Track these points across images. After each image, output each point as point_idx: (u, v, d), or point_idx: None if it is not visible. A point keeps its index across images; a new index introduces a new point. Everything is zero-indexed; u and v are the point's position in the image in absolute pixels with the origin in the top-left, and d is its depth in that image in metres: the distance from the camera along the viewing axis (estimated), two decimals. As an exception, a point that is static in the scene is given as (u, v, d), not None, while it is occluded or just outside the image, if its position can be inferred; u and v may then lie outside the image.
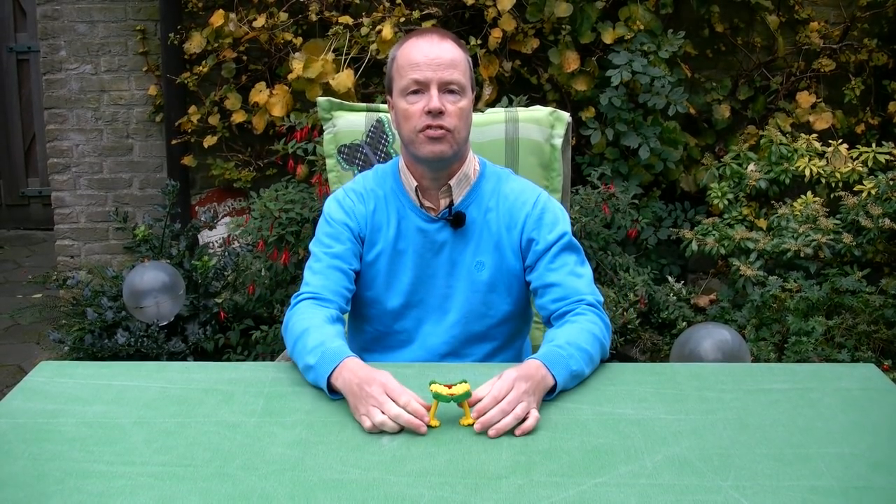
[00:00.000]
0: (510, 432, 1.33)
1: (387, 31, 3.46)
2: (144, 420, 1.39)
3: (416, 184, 1.74)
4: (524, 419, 1.34)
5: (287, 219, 3.11)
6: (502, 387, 1.36)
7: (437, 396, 1.33)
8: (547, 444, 1.31)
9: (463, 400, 1.34)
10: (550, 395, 1.45)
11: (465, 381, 1.36)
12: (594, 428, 1.36)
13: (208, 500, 1.16)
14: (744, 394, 1.48)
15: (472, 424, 1.34)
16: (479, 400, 1.36)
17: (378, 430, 1.33)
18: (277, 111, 3.61)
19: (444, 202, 1.74)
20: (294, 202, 3.17)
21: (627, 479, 1.21)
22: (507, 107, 3.00)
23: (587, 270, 1.74)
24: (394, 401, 1.34)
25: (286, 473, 1.23)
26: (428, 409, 1.35)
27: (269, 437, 1.33)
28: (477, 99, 3.58)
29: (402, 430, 1.34)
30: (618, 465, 1.25)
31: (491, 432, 1.33)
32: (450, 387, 1.34)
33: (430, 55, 1.62)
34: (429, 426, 1.34)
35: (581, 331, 1.58)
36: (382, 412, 1.33)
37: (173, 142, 3.94)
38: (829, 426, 1.36)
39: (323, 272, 1.71)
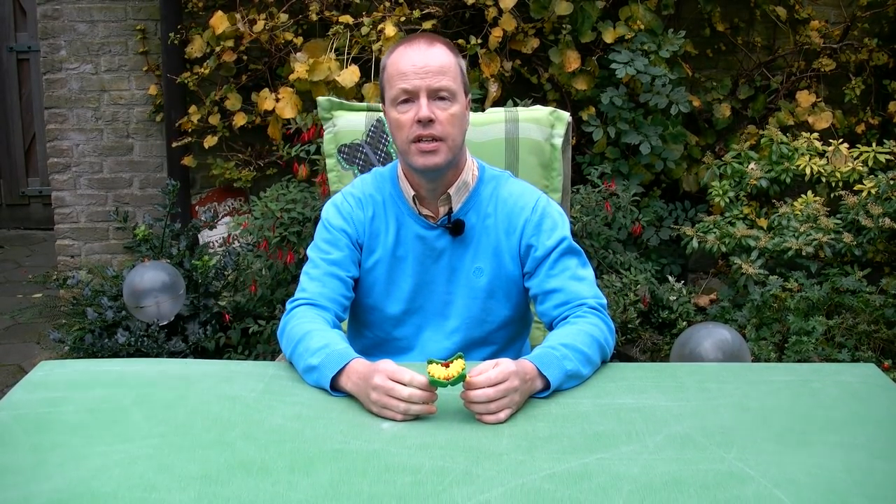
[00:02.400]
0: (511, 420, 1.35)
1: (390, 29, 3.46)
2: (145, 398, 1.38)
3: (413, 192, 1.73)
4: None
5: (289, 219, 3.11)
6: (499, 374, 1.37)
7: (434, 382, 1.34)
8: (548, 431, 1.31)
9: (458, 383, 1.35)
10: (544, 394, 1.45)
11: (461, 357, 1.37)
12: (594, 417, 1.36)
13: (207, 468, 1.15)
14: (745, 384, 1.47)
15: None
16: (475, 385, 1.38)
17: (413, 417, 1.35)
18: (288, 113, 3.60)
19: (442, 209, 1.73)
20: (295, 202, 3.17)
21: (630, 455, 1.20)
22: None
23: (589, 273, 1.72)
24: (398, 381, 1.35)
25: (286, 444, 1.22)
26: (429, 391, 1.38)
27: (269, 409, 1.33)
28: (483, 99, 3.58)
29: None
30: (619, 444, 1.24)
31: (464, 404, 1.37)
32: (447, 364, 1.36)
33: (418, 63, 1.60)
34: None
35: (579, 332, 1.57)
36: (396, 398, 1.34)
37: (174, 144, 3.94)
38: (830, 414, 1.35)
39: (320, 279, 1.70)
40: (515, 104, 3.24)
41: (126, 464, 1.17)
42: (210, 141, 3.87)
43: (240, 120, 3.80)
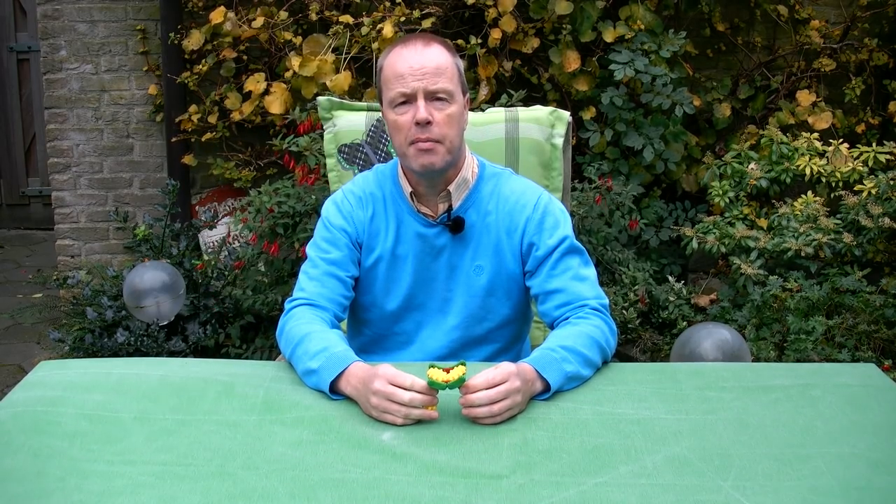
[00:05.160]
0: (511, 427, 1.34)
1: (388, 29, 3.46)
2: (144, 415, 1.38)
3: (412, 189, 1.72)
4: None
5: (280, 212, 3.10)
6: (498, 374, 1.37)
7: (433, 384, 1.34)
8: (547, 443, 1.31)
9: (458, 386, 1.35)
10: (545, 396, 1.45)
11: (463, 363, 1.37)
12: (594, 427, 1.36)
13: (209, 499, 1.16)
14: (744, 391, 1.47)
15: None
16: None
17: (412, 421, 1.35)
18: (276, 108, 3.61)
19: (442, 207, 1.72)
20: (289, 196, 3.16)
21: (628, 479, 1.21)
22: (505, 103, 2.99)
23: (591, 272, 1.71)
24: (399, 386, 1.35)
25: (287, 473, 1.22)
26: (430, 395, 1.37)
27: (270, 436, 1.33)
28: (473, 99, 3.57)
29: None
30: (618, 464, 1.25)
31: (464, 411, 1.36)
32: (447, 370, 1.36)
33: (415, 65, 1.59)
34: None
35: (579, 334, 1.56)
36: (397, 403, 1.34)
37: (174, 139, 3.94)
38: (830, 426, 1.35)
39: (319, 279, 1.69)
40: (510, 97, 3.23)
41: (129, 491, 1.18)
42: (208, 136, 3.87)
43: (238, 115, 3.79)
